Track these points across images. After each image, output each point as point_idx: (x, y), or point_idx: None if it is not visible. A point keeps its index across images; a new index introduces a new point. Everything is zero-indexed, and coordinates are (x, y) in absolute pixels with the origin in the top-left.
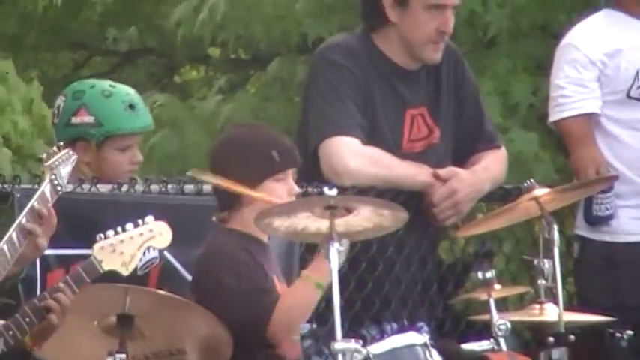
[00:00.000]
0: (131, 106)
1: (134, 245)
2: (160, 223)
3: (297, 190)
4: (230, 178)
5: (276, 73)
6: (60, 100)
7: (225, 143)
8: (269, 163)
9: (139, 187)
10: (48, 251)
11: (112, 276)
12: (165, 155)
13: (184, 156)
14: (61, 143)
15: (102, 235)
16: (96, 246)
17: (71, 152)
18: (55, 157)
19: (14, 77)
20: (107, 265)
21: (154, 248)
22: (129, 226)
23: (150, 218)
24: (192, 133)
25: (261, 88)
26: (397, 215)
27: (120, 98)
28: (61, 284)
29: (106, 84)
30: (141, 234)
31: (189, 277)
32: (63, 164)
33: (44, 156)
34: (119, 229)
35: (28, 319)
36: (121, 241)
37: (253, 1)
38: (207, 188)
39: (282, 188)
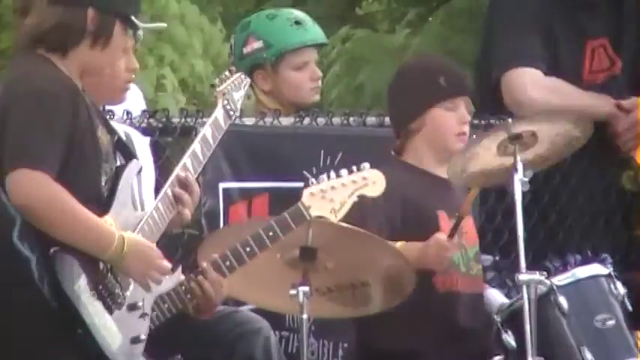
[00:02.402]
0: (297, 23)
1: (345, 193)
2: (374, 171)
3: (468, 118)
4: (397, 106)
5: (463, 4)
6: (231, 40)
7: (397, 74)
8: (435, 89)
9: (321, 120)
10: (230, 184)
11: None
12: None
13: (376, 90)
14: (233, 67)
15: (313, 180)
16: (305, 191)
17: (243, 76)
18: (227, 82)
19: (196, 16)
20: (315, 211)
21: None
22: (343, 172)
23: (366, 165)
24: (386, 66)
25: (447, 19)
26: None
27: (284, 17)
28: (208, 263)
29: (270, 10)
30: (354, 181)
31: None
32: (235, 89)
33: (216, 81)
34: (332, 174)
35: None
36: (332, 188)
37: None
38: (388, 120)
39: (451, 117)
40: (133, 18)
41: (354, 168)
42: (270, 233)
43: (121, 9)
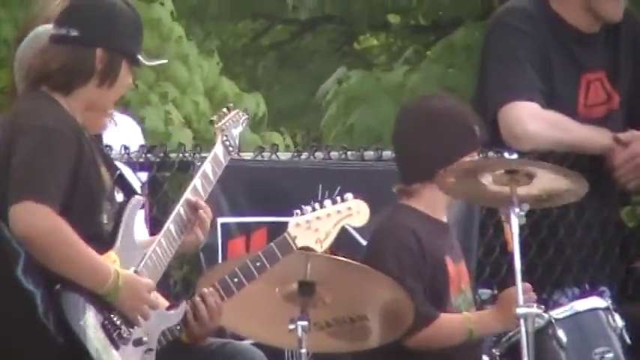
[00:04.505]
0: None
1: (330, 223)
2: (358, 201)
3: None
4: (423, 149)
5: (463, 41)
6: None
7: (420, 114)
8: (472, 138)
9: (319, 154)
10: (229, 219)
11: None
12: (365, 129)
13: (377, 128)
14: (231, 104)
15: (298, 211)
16: (291, 222)
17: (241, 113)
18: (226, 119)
19: (196, 57)
20: (301, 242)
21: (350, 226)
22: (327, 202)
23: (349, 195)
24: (383, 105)
25: (444, 56)
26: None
27: None
28: (209, 289)
29: None
30: (338, 211)
31: (364, 243)
32: (234, 125)
33: (214, 118)
34: (317, 205)
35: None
36: (317, 218)
37: None
38: (386, 154)
39: None
40: (139, 57)
41: (338, 198)
42: (258, 264)
43: (129, 48)
